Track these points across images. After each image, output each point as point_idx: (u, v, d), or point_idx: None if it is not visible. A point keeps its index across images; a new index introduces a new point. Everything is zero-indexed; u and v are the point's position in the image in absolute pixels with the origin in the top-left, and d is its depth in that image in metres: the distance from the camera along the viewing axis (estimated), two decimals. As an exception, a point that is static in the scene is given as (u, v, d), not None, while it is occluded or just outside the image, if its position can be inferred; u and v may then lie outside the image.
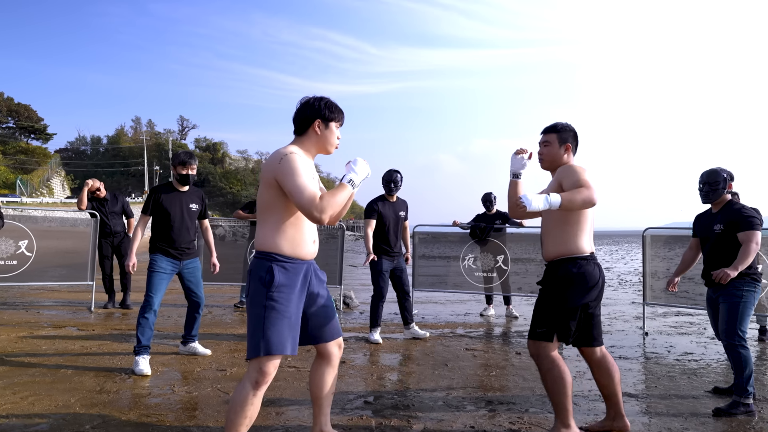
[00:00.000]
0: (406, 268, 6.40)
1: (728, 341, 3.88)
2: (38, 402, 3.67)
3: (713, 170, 4.14)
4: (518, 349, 5.75)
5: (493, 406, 3.87)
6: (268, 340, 2.58)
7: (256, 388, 2.60)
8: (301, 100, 2.87)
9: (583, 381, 4.58)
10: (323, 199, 2.55)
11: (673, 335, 6.73)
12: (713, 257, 4.10)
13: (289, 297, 2.65)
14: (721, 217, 4.06)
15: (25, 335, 5.79)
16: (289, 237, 2.69)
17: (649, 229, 7.27)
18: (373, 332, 6.07)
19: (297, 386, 4.26)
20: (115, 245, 7.68)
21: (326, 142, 2.83)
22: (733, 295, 3.91)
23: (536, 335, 3.16)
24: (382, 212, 6.10)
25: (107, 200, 7.69)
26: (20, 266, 7.14)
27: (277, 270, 2.65)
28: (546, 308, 3.19)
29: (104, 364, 4.72)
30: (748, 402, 3.78)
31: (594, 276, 3.17)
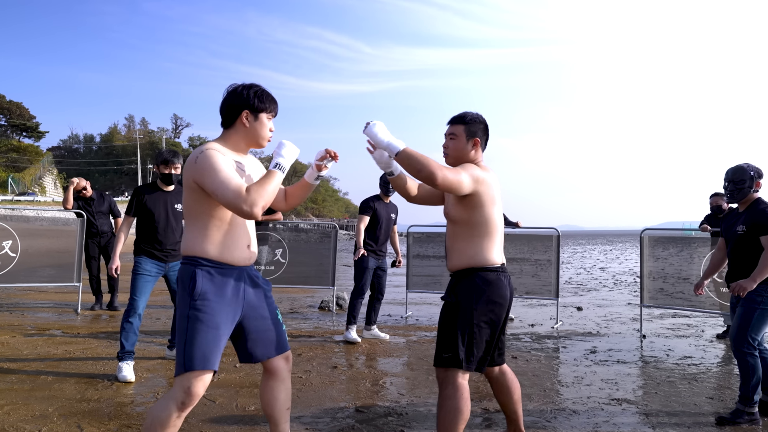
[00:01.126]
0: (387, 270, 6.38)
1: (736, 348, 3.66)
2: (14, 411, 3.51)
3: (739, 167, 3.83)
4: (514, 353, 5.62)
5: (489, 414, 3.74)
6: (190, 355, 2.33)
7: (181, 410, 2.32)
8: (228, 87, 2.57)
9: (581, 387, 4.45)
10: (251, 191, 2.30)
11: (671, 338, 6.62)
12: (736, 261, 3.84)
13: (215, 306, 2.39)
14: (746, 218, 3.77)
15: (7, 339, 5.61)
16: (216, 241, 2.43)
17: (647, 230, 7.15)
18: (350, 330, 6.02)
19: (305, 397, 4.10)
20: (102, 245, 7.51)
21: (256, 135, 2.55)
22: (753, 301, 3.64)
23: (442, 361, 2.74)
24: (377, 210, 6.07)
25: (94, 200, 7.52)
26: (4, 267, 6.96)
27: (201, 276, 2.40)
28: (450, 327, 2.76)
29: (87, 370, 4.55)
30: (753, 411, 3.62)
31: (502, 288, 2.79)
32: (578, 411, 3.85)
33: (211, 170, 2.32)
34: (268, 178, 2.38)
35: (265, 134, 2.56)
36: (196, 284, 2.38)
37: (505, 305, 2.82)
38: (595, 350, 5.85)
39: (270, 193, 2.36)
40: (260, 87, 2.57)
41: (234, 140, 2.54)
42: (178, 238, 4.78)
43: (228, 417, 3.56)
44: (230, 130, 2.54)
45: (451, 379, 2.70)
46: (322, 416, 3.64)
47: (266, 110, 2.54)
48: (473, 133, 2.87)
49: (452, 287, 2.86)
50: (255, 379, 4.43)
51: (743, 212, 3.85)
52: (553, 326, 7.27)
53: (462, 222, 2.82)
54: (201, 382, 2.33)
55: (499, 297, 2.78)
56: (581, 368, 5.08)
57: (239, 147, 2.56)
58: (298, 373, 4.66)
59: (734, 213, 3.98)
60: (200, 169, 2.34)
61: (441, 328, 2.81)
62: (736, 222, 3.86)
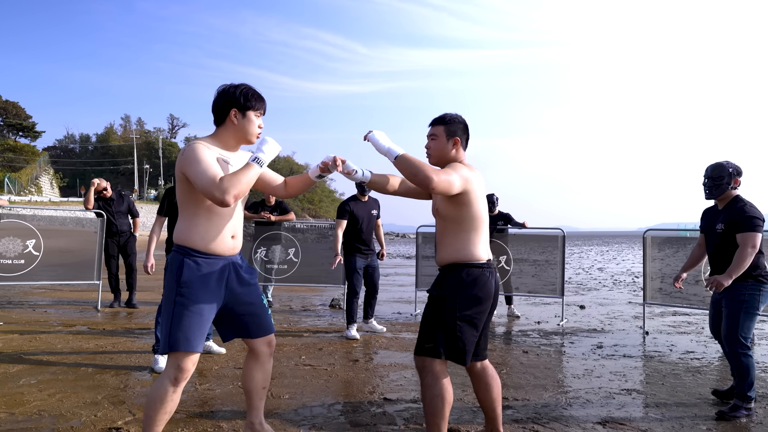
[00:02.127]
0: (378, 267, 6.64)
1: (730, 348, 3.78)
2: (66, 399, 3.74)
3: (718, 164, 3.93)
4: (524, 348, 5.87)
5: (510, 402, 3.99)
6: (175, 337, 2.58)
7: (175, 385, 2.59)
8: (218, 88, 2.76)
9: (591, 379, 4.71)
10: (224, 180, 2.50)
11: (672, 334, 6.88)
12: (716, 257, 3.95)
13: (199, 293, 2.62)
14: (725, 216, 3.86)
15: (38, 334, 5.83)
16: (202, 231, 2.65)
17: (650, 231, 7.42)
18: (350, 329, 6.26)
19: (315, 383, 4.35)
20: (121, 245, 7.73)
21: (245, 131, 2.73)
22: (736, 299, 3.76)
23: (423, 350, 2.86)
24: (355, 212, 6.32)
25: (113, 200, 7.74)
26: (27, 265, 7.16)
27: (187, 265, 2.62)
28: (433, 320, 2.89)
29: (122, 362, 4.78)
30: (750, 406, 3.76)
31: (486, 283, 2.88)
32: (591, 400, 4.10)
33: (193, 161, 2.54)
34: (244, 169, 2.58)
35: (253, 131, 2.75)
36: (182, 273, 2.61)
37: (488, 301, 2.90)
38: (602, 345, 6.11)
39: (244, 184, 2.54)
40: (247, 86, 2.75)
41: (224, 137, 2.74)
42: None
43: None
44: (221, 128, 2.74)
45: (430, 368, 2.83)
46: (355, 405, 3.87)
47: (253, 108, 2.73)
48: (453, 132, 2.99)
49: (439, 281, 2.98)
50: (281, 369, 4.67)
51: (722, 210, 3.93)
52: (559, 323, 7.52)
53: (451, 218, 2.93)
54: (189, 360, 2.60)
55: (483, 292, 2.87)
56: (590, 362, 5.34)
57: (229, 144, 2.75)
58: (323, 365, 4.91)
59: (714, 210, 4.07)
60: (185, 159, 2.56)
61: (424, 319, 2.94)
62: (716, 219, 3.94)
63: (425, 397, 2.82)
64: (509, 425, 3.51)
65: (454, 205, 2.90)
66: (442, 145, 2.99)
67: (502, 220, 8.16)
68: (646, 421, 3.65)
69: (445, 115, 3.04)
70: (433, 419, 2.80)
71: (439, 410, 2.79)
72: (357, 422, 3.51)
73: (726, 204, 3.94)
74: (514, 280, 8.07)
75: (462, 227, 2.91)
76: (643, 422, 3.63)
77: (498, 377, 3.12)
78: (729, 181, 3.89)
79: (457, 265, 2.90)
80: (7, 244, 7.04)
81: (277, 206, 8.42)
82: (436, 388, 2.80)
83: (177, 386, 2.59)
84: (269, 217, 8.20)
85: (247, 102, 2.71)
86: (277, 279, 8.56)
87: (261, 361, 2.92)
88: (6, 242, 7.02)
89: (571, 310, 8.91)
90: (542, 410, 3.83)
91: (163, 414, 2.58)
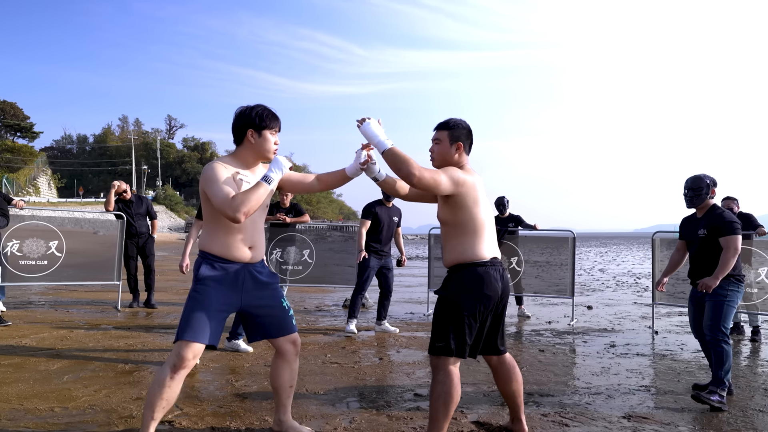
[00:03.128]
0: (393, 269, 6.87)
1: (712, 337, 4.11)
2: (112, 394, 3.89)
3: (697, 176, 4.32)
4: (540, 347, 6.05)
5: (535, 399, 4.15)
6: (183, 327, 2.81)
7: (174, 371, 2.77)
8: (236, 110, 2.98)
9: (609, 376, 4.88)
10: (236, 198, 2.72)
11: (681, 334, 7.07)
12: (698, 260, 4.32)
13: (212, 291, 2.86)
14: (705, 222, 4.24)
15: (66, 333, 5.97)
16: (221, 240, 2.89)
17: (659, 233, 7.60)
18: (349, 323, 6.51)
19: (346, 380, 4.51)
20: (140, 246, 7.87)
21: (262, 149, 2.94)
22: (719, 295, 4.13)
23: (435, 350, 2.96)
24: (378, 214, 6.59)
25: (133, 202, 7.89)
26: (50, 266, 7.30)
27: (204, 266, 2.88)
28: (442, 318, 2.99)
29: (155, 359, 4.93)
30: (724, 393, 4.04)
31: (490, 281, 2.96)
32: (613, 396, 4.28)
33: (210, 180, 2.79)
34: (254, 188, 2.80)
35: (269, 148, 2.96)
36: (199, 271, 2.88)
37: (494, 297, 2.98)
38: (614, 344, 6.29)
39: (253, 201, 2.76)
40: (263, 107, 2.97)
41: (243, 155, 2.97)
42: None
43: (294, 397, 3.96)
44: (240, 147, 2.97)
45: (443, 366, 2.93)
46: (388, 400, 4.03)
47: (268, 127, 2.94)
48: (456, 137, 3.09)
49: (446, 281, 3.09)
50: (310, 367, 4.83)
51: (702, 217, 4.31)
52: (569, 323, 7.70)
53: (449, 222, 3.04)
54: (191, 350, 2.79)
55: (488, 289, 2.95)
56: (605, 360, 5.52)
57: (248, 161, 2.98)
58: (349, 363, 5.07)
59: (693, 218, 4.46)
60: (204, 179, 2.82)
61: (435, 319, 3.04)
62: (697, 226, 4.31)
63: (433, 392, 2.94)
64: (537, 419, 3.68)
65: (449, 208, 3.01)
66: (445, 149, 3.10)
67: (512, 222, 8.34)
68: (668, 415, 3.83)
69: (449, 121, 3.16)
70: (436, 414, 2.91)
71: (445, 407, 2.90)
72: (395, 416, 3.67)
73: (705, 212, 4.32)
74: (524, 280, 8.25)
75: (460, 231, 3.01)
76: (666, 416, 3.80)
77: (518, 370, 3.26)
78: (707, 191, 4.28)
79: (462, 265, 3.00)
80: (31, 245, 7.18)
81: (292, 208, 8.56)
82: (446, 386, 2.91)
83: (175, 374, 2.78)
84: (285, 219, 8.35)
85: (262, 122, 2.93)
86: (291, 280, 8.72)
87: (287, 359, 3.12)
88: (30, 243, 7.16)
89: (579, 310, 9.09)
90: (567, 405, 4.01)
91: (160, 400, 2.76)
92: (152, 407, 2.77)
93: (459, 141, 3.10)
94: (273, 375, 3.16)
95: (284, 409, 3.20)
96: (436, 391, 2.93)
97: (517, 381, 3.23)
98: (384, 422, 3.56)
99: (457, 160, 3.11)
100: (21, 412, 3.48)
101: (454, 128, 3.12)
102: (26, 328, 6.12)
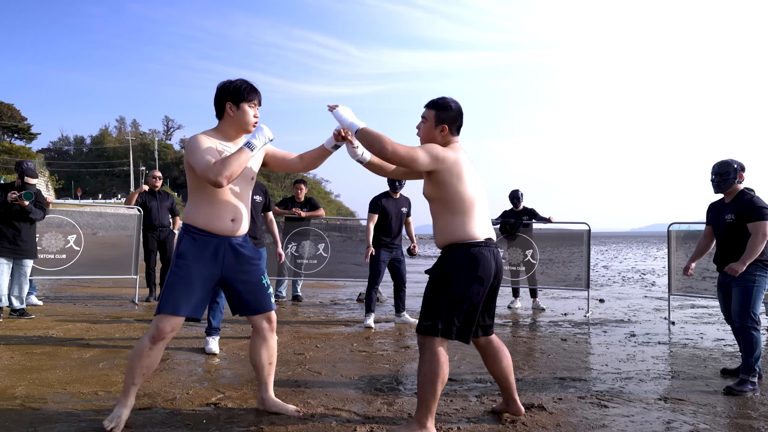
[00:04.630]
0: (404, 261, 6.87)
1: (741, 323, 4.11)
2: (151, 380, 3.90)
3: (724, 161, 4.29)
4: (562, 336, 6.08)
5: (568, 383, 4.19)
6: (164, 301, 2.89)
7: (153, 342, 2.86)
8: (217, 84, 3.03)
9: (636, 363, 4.92)
10: (217, 163, 2.77)
11: (698, 324, 7.13)
12: (725, 245, 4.30)
13: (191, 265, 2.91)
14: (733, 207, 4.22)
15: (90, 325, 5.98)
16: (203, 212, 2.94)
17: (674, 224, 7.65)
18: (367, 318, 6.50)
19: (378, 366, 4.54)
20: (160, 240, 7.87)
21: (241, 121, 2.99)
22: (746, 281, 4.11)
23: (422, 329, 2.93)
24: (386, 207, 6.54)
25: (161, 194, 7.93)
26: (69, 260, 7.31)
27: (186, 240, 2.95)
28: (431, 298, 2.96)
29: (181, 346, 4.94)
30: (755, 380, 4.04)
31: (484, 262, 2.92)
32: (644, 380, 4.31)
33: (193, 150, 2.85)
34: (236, 154, 2.83)
35: (248, 120, 3.00)
36: (180, 245, 2.95)
37: (486, 278, 2.93)
38: (634, 334, 6.33)
39: (235, 166, 2.79)
40: (242, 80, 3.01)
41: (224, 129, 3.03)
42: (257, 225, 5.22)
43: (332, 383, 3.99)
44: (221, 121, 3.03)
45: (429, 345, 2.90)
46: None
47: (246, 100, 2.98)
48: (442, 120, 3.05)
49: (438, 261, 3.05)
50: (341, 355, 4.86)
51: (730, 203, 4.29)
52: (585, 315, 7.74)
53: (434, 199, 3.00)
54: (169, 324, 2.88)
55: (480, 270, 2.90)
56: (629, 348, 5.56)
57: (229, 135, 3.03)
58: (377, 351, 5.10)
59: (720, 203, 4.44)
60: (187, 149, 2.88)
61: (424, 299, 3.01)
62: (724, 211, 4.29)
63: (420, 371, 2.91)
64: (576, 401, 3.72)
65: (431, 185, 2.99)
66: (429, 128, 3.08)
67: (527, 215, 8.39)
68: (702, 397, 3.87)
69: (438, 100, 3.11)
70: (424, 395, 2.88)
71: (432, 386, 2.87)
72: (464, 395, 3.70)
73: (733, 197, 4.30)
74: (539, 273, 8.29)
75: (447, 208, 2.96)
76: (701, 398, 3.84)
77: (506, 349, 3.24)
78: (735, 176, 4.25)
79: (455, 245, 2.96)
80: (50, 239, 7.19)
81: (306, 202, 8.60)
82: (433, 365, 2.88)
83: (154, 345, 2.86)
84: (299, 213, 8.38)
85: (239, 95, 2.97)
86: (306, 274, 8.75)
87: (263, 336, 3.18)
88: (49, 237, 7.17)
89: (592, 303, 9.12)
90: (601, 389, 4.04)
91: (140, 367, 2.87)
92: (133, 374, 2.89)
93: (444, 123, 3.06)
94: (251, 352, 3.22)
95: (265, 387, 3.27)
96: (422, 370, 2.91)
97: (506, 361, 3.21)
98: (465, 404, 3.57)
99: (441, 141, 3.06)
100: (66, 395, 3.51)
101: (441, 109, 3.07)
102: (49, 321, 6.13)
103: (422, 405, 2.89)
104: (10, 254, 6.09)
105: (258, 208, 5.30)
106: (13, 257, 6.13)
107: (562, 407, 3.57)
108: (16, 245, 6.10)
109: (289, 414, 3.23)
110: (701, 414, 3.51)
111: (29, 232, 6.23)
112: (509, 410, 3.30)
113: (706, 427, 3.27)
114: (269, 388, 3.28)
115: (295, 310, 7.73)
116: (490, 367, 3.23)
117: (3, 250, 6.03)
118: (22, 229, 6.13)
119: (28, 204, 6.06)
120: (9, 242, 6.05)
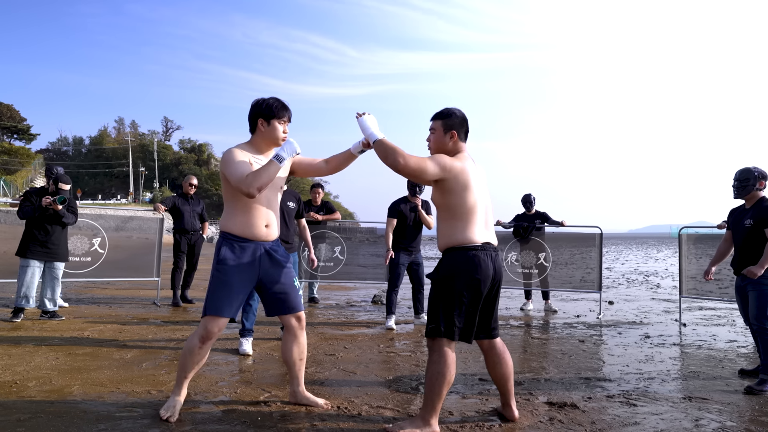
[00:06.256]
0: (422, 263, 7.05)
1: (759, 325, 4.27)
2: (197, 379, 4.05)
3: (746, 169, 4.51)
4: (579, 338, 6.26)
5: (594, 383, 4.36)
6: (209, 303, 3.16)
7: (202, 342, 3.14)
8: (252, 102, 3.29)
9: (656, 363, 5.09)
10: (249, 176, 3.03)
11: (709, 326, 7.31)
12: (744, 250, 4.48)
13: (232, 269, 3.16)
14: (752, 213, 4.42)
15: (119, 327, 6.14)
16: (239, 221, 3.19)
17: (685, 228, 7.84)
18: (388, 319, 6.67)
19: (408, 366, 4.70)
20: (191, 243, 7.97)
21: (272, 136, 3.25)
22: (762, 284, 4.28)
23: (428, 331, 3.10)
24: (404, 212, 6.72)
25: (193, 199, 8.06)
26: (94, 262, 7.46)
27: (225, 247, 3.19)
28: (433, 301, 3.11)
29: (220, 346, 5.09)
30: None
31: (482, 265, 3.05)
32: (667, 380, 4.49)
33: (228, 162, 3.12)
34: (266, 166, 3.09)
35: (277, 135, 3.26)
36: (220, 252, 3.19)
37: (484, 281, 3.06)
38: (649, 336, 6.51)
39: (265, 178, 3.05)
40: (274, 99, 3.29)
41: (256, 143, 3.29)
42: (289, 232, 5.39)
43: (369, 383, 4.15)
44: (254, 135, 3.30)
45: (436, 347, 3.05)
46: (457, 384, 4.22)
47: (276, 117, 3.24)
48: (450, 126, 3.22)
49: (437, 265, 3.18)
50: (370, 356, 5.02)
51: (750, 208, 4.49)
52: (598, 317, 7.92)
53: (440, 206, 3.15)
54: (216, 325, 3.16)
55: (479, 273, 3.03)
56: (645, 349, 5.73)
57: (261, 148, 3.29)
58: (404, 352, 5.27)
59: (741, 209, 4.63)
60: (223, 162, 3.15)
61: (428, 303, 3.19)
62: (744, 217, 4.49)
63: (428, 372, 3.06)
64: (605, 400, 3.89)
65: (439, 192, 3.13)
66: (439, 137, 3.25)
67: (539, 218, 8.56)
68: (725, 397, 4.05)
69: (444, 110, 3.29)
70: (430, 394, 3.03)
71: (438, 387, 3.01)
72: (467, 395, 3.88)
73: (753, 203, 4.51)
74: (551, 276, 8.46)
75: (451, 214, 3.10)
76: (724, 398, 4.02)
77: (508, 356, 3.35)
78: (755, 183, 4.48)
79: (453, 248, 3.10)
80: (76, 242, 7.34)
81: (323, 206, 8.76)
82: (439, 366, 3.02)
83: (203, 344, 3.15)
84: (316, 217, 8.55)
85: (270, 112, 3.24)
86: (322, 276, 8.92)
87: (294, 334, 3.42)
88: (74, 240, 7.32)
89: (602, 305, 9.31)
90: (626, 388, 4.21)
91: (192, 363, 3.18)
92: (185, 369, 3.19)
93: (453, 129, 3.22)
94: (283, 349, 3.46)
95: (297, 381, 3.52)
96: (429, 371, 3.06)
97: (505, 367, 3.32)
98: (465, 403, 3.75)
99: (452, 148, 3.23)
100: (121, 395, 3.66)
101: (447, 117, 3.25)
102: (80, 323, 6.28)
103: (428, 403, 3.05)
104: (42, 257, 6.24)
105: (291, 215, 5.48)
106: (45, 260, 6.28)
107: (593, 406, 3.74)
108: (48, 248, 6.25)
109: (318, 406, 3.49)
110: (726, 412, 3.68)
111: (60, 236, 6.38)
112: (505, 414, 3.41)
113: (733, 425, 3.44)
114: (301, 382, 3.53)
115: (313, 312, 7.89)
116: (491, 370, 3.35)
117: (35, 252, 6.19)
118: (54, 232, 6.29)
119: (61, 208, 6.21)
120: (41, 245, 6.20)
